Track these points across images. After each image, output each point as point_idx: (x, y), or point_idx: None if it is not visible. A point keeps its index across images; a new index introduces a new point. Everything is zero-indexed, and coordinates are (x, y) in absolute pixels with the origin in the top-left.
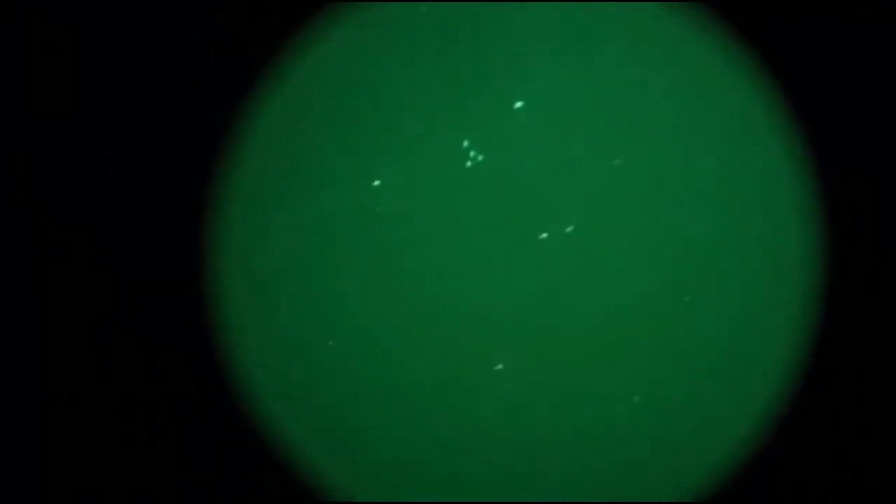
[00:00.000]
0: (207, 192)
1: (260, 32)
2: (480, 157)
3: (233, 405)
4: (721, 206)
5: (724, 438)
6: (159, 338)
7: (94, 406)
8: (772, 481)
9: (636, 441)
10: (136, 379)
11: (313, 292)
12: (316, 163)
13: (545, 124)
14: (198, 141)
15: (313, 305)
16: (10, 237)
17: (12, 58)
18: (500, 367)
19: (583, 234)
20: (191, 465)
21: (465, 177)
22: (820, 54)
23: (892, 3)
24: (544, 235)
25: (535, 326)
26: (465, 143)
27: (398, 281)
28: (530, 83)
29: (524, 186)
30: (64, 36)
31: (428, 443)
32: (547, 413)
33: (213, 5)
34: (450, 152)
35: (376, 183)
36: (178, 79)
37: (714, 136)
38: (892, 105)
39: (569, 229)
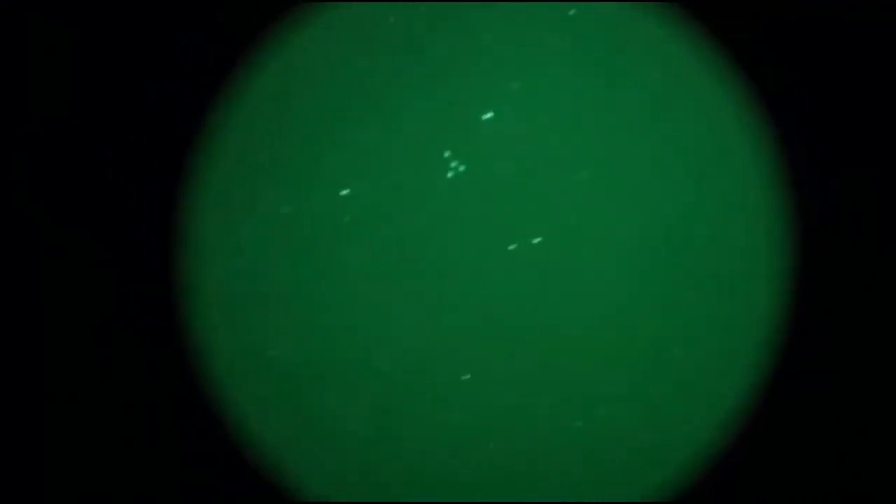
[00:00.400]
0: (179, 192)
1: (230, 32)
2: (451, 158)
3: (204, 407)
4: (695, 211)
5: (693, 444)
6: (130, 340)
7: (62, 407)
8: (743, 484)
9: (609, 446)
10: (106, 381)
11: (285, 295)
12: (287, 165)
13: (514, 130)
14: (169, 142)
15: (284, 308)
16: None
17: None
18: (467, 376)
19: (554, 243)
20: (162, 466)
21: (438, 180)
22: (793, 54)
23: (864, 4)
24: (513, 246)
25: (505, 334)
26: (438, 146)
27: (369, 284)
28: (503, 85)
29: (495, 194)
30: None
31: (397, 444)
32: (518, 418)
33: (184, 5)
34: (423, 155)
35: (345, 192)
36: (147, 80)
37: (687, 142)
38: (866, 105)
39: (537, 240)
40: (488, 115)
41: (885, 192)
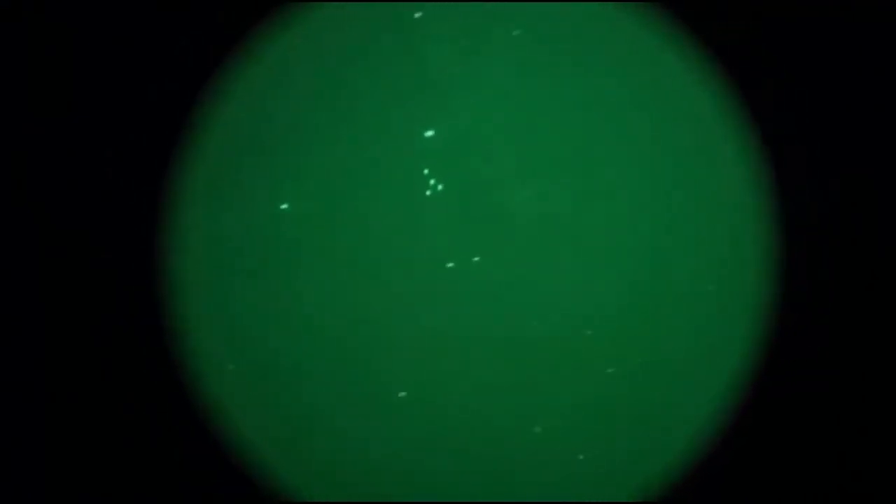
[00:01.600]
0: (163, 190)
1: (213, 32)
2: (430, 169)
3: (189, 406)
4: (679, 215)
5: (677, 447)
6: (113, 337)
7: (41, 406)
8: (728, 485)
9: (592, 449)
10: (88, 380)
11: (269, 293)
12: (268, 165)
13: (492, 135)
14: (151, 142)
15: (269, 306)
16: None
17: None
18: (403, 396)
19: (536, 249)
20: (144, 466)
21: (417, 189)
22: (778, 54)
23: (845, 4)
24: (477, 259)
25: (464, 343)
26: (414, 155)
27: (345, 284)
28: (481, 89)
29: (475, 199)
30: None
31: (379, 445)
32: (495, 422)
33: (166, 4)
34: (400, 163)
35: (284, 206)
36: (128, 79)
37: (671, 145)
38: (849, 106)
39: (476, 259)
40: (466, 122)
41: (872, 192)
